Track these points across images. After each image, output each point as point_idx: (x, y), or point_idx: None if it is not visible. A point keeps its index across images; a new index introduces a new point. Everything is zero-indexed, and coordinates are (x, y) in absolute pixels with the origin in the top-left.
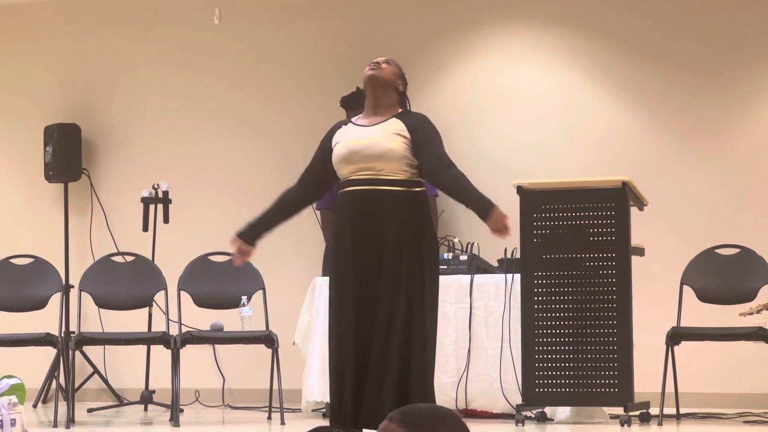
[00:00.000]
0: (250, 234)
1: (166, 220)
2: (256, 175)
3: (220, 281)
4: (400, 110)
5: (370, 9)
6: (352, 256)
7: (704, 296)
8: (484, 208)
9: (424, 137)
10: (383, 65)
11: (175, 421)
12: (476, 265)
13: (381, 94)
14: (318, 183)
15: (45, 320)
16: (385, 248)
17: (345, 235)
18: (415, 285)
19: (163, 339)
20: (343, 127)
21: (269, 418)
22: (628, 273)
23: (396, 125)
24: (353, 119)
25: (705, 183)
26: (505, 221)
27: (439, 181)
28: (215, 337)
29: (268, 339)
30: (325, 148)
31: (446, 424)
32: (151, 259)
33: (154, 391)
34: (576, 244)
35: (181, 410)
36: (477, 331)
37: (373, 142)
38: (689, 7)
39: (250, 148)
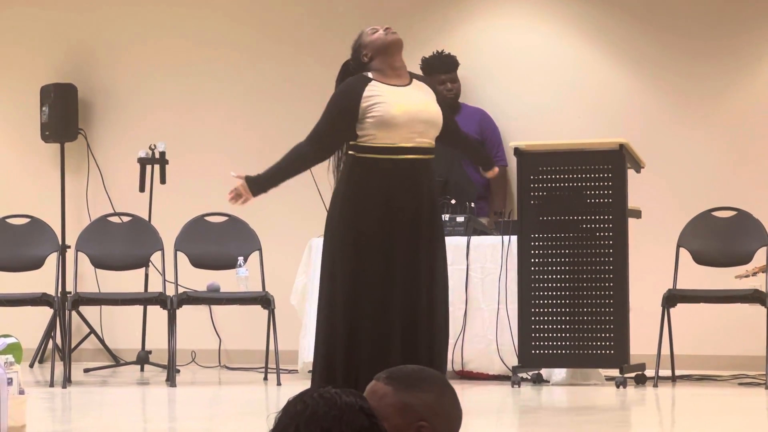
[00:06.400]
0: (259, 186)
1: (162, 180)
2: (252, 136)
3: (217, 242)
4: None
5: None
6: (394, 221)
7: (700, 258)
8: (490, 163)
9: (440, 101)
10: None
11: (171, 381)
12: (473, 227)
13: (401, 56)
14: (336, 143)
15: (41, 280)
16: (423, 214)
17: (385, 200)
18: (443, 250)
19: (160, 299)
20: (373, 86)
21: (265, 378)
22: (624, 235)
23: (424, 87)
24: (376, 77)
25: (702, 145)
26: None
27: (459, 138)
28: (211, 298)
29: (264, 300)
30: (351, 106)
31: (432, 383)
32: (147, 219)
33: (150, 352)
34: (573, 206)
35: (178, 371)
36: (473, 293)
37: (427, 106)
38: None
39: (246, 109)
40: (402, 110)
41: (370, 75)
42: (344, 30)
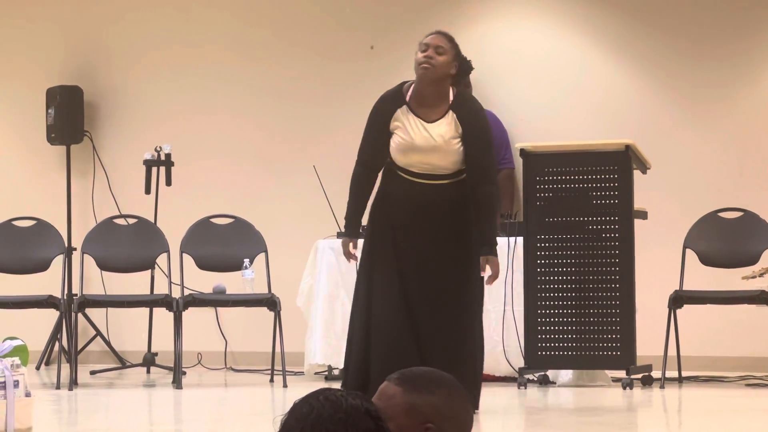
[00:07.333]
0: (353, 231)
1: (168, 182)
2: (258, 137)
3: (223, 244)
4: (452, 96)
5: None
6: (412, 232)
7: (707, 260)
8: (486, 249)
9: (472, 137)
10: (437, 58)
11: (177, 383)
12: None
13: (433, 86)
14: (384, 153)
15: (47, 282)
16: (442, 227)
17: (402, 213)
18: (474, 263)
19: (166, 301)
20: (402, 112)
21: (271, 380)
22: (630, 236)
23: (451, 121)
24: (411, 101)
25: (709, 146)
26: (497, 272)
27: (472, 193)
28: (217, 300)
29: (270, 302)
30: (384, 130)
31: (441, 385)
32: (153, 221)
33: (156, 354)
34: (579, 207)
35: (184, 373)
36: None
37: (436, 151)
38: None
39: (252, 111)
40: (412, 152)
41: (408, 95)
42: (350, 33)
